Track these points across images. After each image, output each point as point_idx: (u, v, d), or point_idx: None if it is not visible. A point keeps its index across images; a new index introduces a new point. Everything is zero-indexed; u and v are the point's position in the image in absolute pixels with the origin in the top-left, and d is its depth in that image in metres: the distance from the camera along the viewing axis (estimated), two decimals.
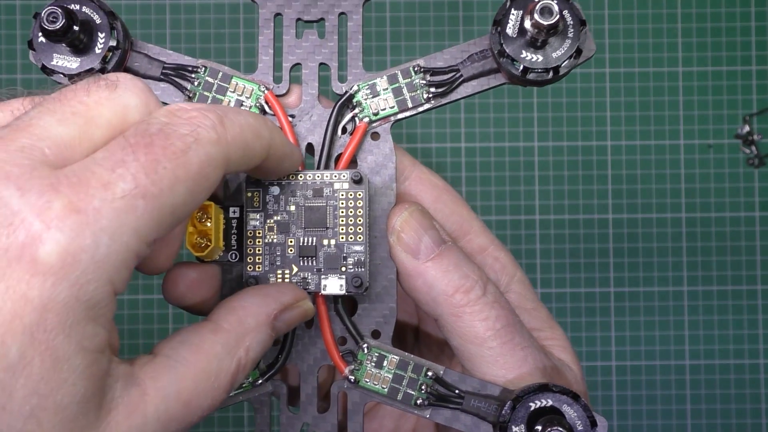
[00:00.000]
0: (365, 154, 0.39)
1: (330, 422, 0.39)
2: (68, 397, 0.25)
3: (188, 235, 0.37)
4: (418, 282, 0.37)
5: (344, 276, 0.37)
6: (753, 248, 0.79)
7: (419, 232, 0.37)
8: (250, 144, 0.31)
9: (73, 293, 0.25)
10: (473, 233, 0.41)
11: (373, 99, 0.39)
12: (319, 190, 0.37)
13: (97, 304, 0.26)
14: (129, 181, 0.26)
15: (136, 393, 0.28)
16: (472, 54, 0.38)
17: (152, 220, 0.27)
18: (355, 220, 0.37)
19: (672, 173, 0.79)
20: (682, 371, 0.79)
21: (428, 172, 0.41)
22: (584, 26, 0.36)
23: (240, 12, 0.78)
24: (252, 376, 0.38)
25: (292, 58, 0.39)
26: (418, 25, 0.79)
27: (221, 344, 0.32)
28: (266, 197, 0.37)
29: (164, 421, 0.29)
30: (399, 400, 0.38)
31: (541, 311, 0.41)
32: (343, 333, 0.39)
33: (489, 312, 0.36)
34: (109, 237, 0.25)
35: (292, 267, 0.37)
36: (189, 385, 0.30)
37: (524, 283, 0.42)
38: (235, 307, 0.34)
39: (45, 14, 0.35)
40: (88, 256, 0.25)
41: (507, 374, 0.37)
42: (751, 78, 0.79)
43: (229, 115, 0.30)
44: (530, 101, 0.79)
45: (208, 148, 0.28)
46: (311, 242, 0.37)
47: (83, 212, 0.25)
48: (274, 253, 0.37)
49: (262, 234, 0.37)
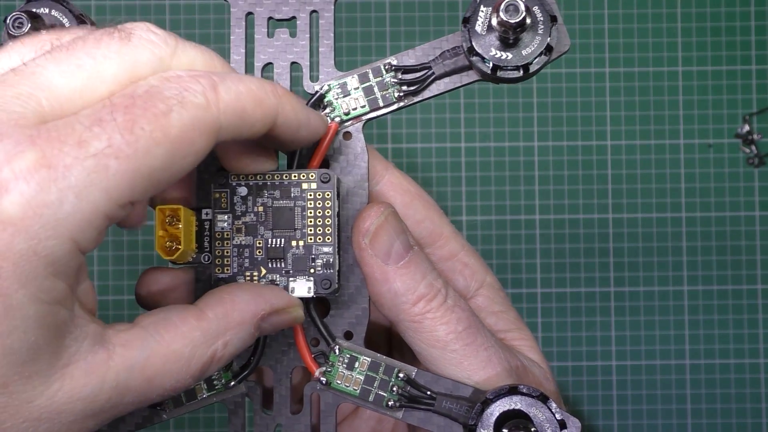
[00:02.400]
0: (337, 154, 0.39)
1: (303, 423, 0.39)
2: (18, 342, 0.26)
3: (158, 239, 0.36)
4: (384, 288, 0.36)
5: (312, 278, 0.37)
6: (753, 248, 0.79)
7: (392, 236, 0.36)
8: (248, 112, 0.30)
9: (31, 246, 0.25)
10: (443, 239, 0.41)
11: (344, 98, 0.38)
12: (287, 190, 0.37)
13: (58, 259, 0.26)
14: (103, 140, 0.26)
15: (101, 355, 0.28)
16: (444, 51, 0.38)
17: (125, 181, 0.26)
18: (323, 221, 0.37)
19: (672, 173, 0.79)
20: (682, 371, 0.78)
21: (400, 176, 0.40)
22: (555, 22, 0.36)
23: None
24: (225, 378, 0.38)
25: (264, 57, 0.39)
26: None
27: (201, 331, 0.32)
28: (234, 198, 0.37)
29: (121, 390, 0.29)
30: (371, 401, 0.37)
31: (510, 313, 0.41)
32: (316, 334, 0.38)
33: (450, 316, 0.36)
34: (75, 195, 0.26)
35: (261, 269, 0.37)
36: (157, 362, 0.30)
37: (493, 287, 0.41)
38: (224, 298, 0.33)
39: (10, 20, 0.35)
40: (50, 212, 0.25)
41: (473, 375, 0.36)
42: (750, 77, 0.79)
43: (226, 82, 0.30)
44: (530, 101, 0.79)
45: (193, 112, 0.28)
46: (279, 244, 0.37)
47: (53, 168, 0.25)
48: (243, 255, 0.37)
49: (231, 236, 0.37)
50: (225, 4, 0.39)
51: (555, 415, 0.34)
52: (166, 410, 0.38)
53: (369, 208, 0.37)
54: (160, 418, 0.38)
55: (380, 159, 0.40)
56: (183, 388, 0.31)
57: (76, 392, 0.28)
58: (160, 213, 0.36)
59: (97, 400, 0.28)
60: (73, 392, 0.28)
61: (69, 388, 0.28)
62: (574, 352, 0.78)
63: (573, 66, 0.79)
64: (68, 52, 0.28)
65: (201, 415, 0.78)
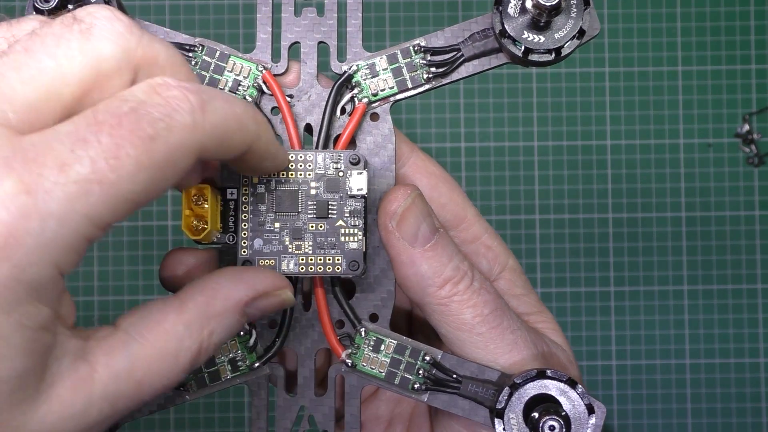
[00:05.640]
0: (364, 135, 0.38)
1: (327, 405, 0.38)
2: (5, 371, 0.25)
3: (185, 218, 0.36)
4: (410, 271, 0.36)
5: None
6: (753, 247, 0.79)
7: (419, 219, 0.36)
8: (230, 134, 0.29)
9: (14, 274, 0.24)
10: (467, 222, 0.40)
11: (373, 79, 0.38)
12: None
13: (40, 285, 0.25)
14: (86, 164, 0.25)
15: (84, 369, 0.28)
16: (473, 33, 0.37)
17: (106, 206, 0.25)
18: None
19: (672, 172, 0.79)
20: (682, 370, 0.78)
21: (426, 158, 0.40)
22: (588, 5, 0.35)
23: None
24: (250, 360, 0.38)
25: (291, 36, 0.38)
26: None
27: (183, 324, 0.31)
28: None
29: (112, 399, 0.28)
30: (396, 384, 0.37)
31: (531, 296, 0.41)
32: (341, 316, 0.38)
33: (476, 299, 0.36)
34: (57, 221, 0.25)
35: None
36: (143, 364, 0.29)
37: (516, 270, 0.41)
38: (205, 288, 0.32)
39: None
40: (32, 240, 0.24)
41: (498, 359, 0.36)
42: (750, 77, 0.79)
43: (214, 101, 0.28)
44: (530, 101, 0.79)
45: (180, 135, 0.27)
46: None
47: (32, 194, 0.24)
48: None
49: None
50: (225, 5, 0.38)
51: (583, 400, 0.34)
52: (189, 391, 0.38)
53: (395, 190, 0.37)
54: (183, 399, 0.38)
55: (406, 141, 0.40)
56: (176, 383, 0.30)
57: (66, 411, 0.27)
58: (186, 193, 0.35)
59: (88, 414, 0.28)
60: (63, 412, 0.27)
61: (58, 409, 0.27)
62: (575, 351, 0.77)
63: (573, 66, 0.79)
64: (27, 55, 0.27)
65: (201, 416, 0.78)
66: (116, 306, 0.78)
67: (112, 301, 0.78)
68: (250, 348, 0.38)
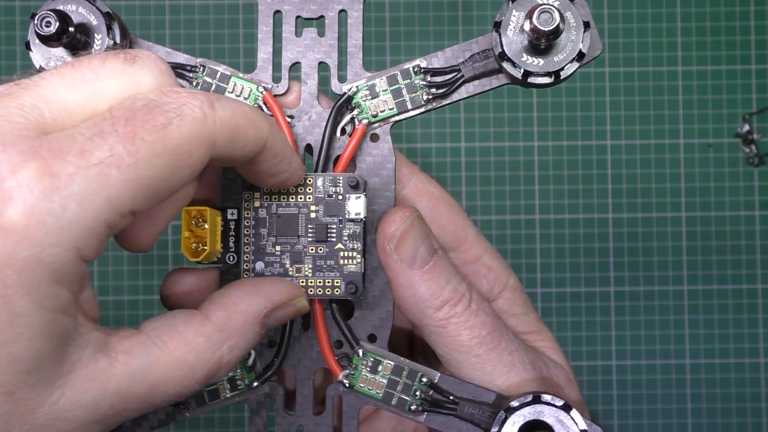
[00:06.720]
0: (364, 156, 0.38)
1: (325, 425, 0.39)
2: (23, 350, 0.26)
3: (184, 240, 0.36)
4: (408, 293, 0.36)
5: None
6: (753, 247, 0.79)
7: (417, 241, 0.36)
8: (241, 130, 0.30)
9: (35, 254, 0.25)
10: (468, 243, 0.41)
11: (372, 100, 0.38)
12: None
13: (61, 267, 0.26)
14: (105, 150, 0.27)
15: (103, 362, 0.29)
16: (473, 54, 0.37)
17: (126, 190, 0.27)
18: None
19: (672, 172, 0.79)
20: (682, 370, 0.79)
21: (426, 180, 0.40)
22: (588, 28, 0.35)
23: (240, 12, 0.78)
24: (248, 379, 0.38)
25: (291, 56, 0.39)
26: (418, 25, 0.79)
27: (205, 338, 0.32)
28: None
29: (124, 397, 0.29)
30: (393, 405, 0.37)
31: (530, 315, 0.41)
32: (340, 336, 0.38)
33: (474, 320, 0.36)
34: (78, 203, 0.26)
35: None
36: (159, 369, 0.30)
37: (516, 289, 0.42)
38: (225, 302, 0.33)
39: (38, 19, 0.34)
40: (53, 220, 0.25)
41: (496, 380, 0.37)
42: (750, 77, 0.79)
43: (222, 100, 0.30)
44: (530, 101, 0.79)
45: (191, 126, 0.28)
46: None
47: (56, 176, 0.26)
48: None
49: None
50: (239, 4, 0.39)
51: (578, 425, 0.34)
52: (189, 408, 0.38)
53: (394, 212, 0.37)
54: (183, 416, 0.38)
55: (407, 163, 0.40)
56: (188, 394, 0.31)
57: (78, 399, 0.28)
58: (186, 214, 0.36)
59: (99, 407, 0.28)
60: (75, 399, 0.28)
61: (71, 395, 0.28)
62: (574, 351, 0.78)
63: None
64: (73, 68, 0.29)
65: (201, 416, 0.78)
66: (116, 306, 0.78)
67: (112, 301, 0.78)
68: (249, 367, 0.38)
